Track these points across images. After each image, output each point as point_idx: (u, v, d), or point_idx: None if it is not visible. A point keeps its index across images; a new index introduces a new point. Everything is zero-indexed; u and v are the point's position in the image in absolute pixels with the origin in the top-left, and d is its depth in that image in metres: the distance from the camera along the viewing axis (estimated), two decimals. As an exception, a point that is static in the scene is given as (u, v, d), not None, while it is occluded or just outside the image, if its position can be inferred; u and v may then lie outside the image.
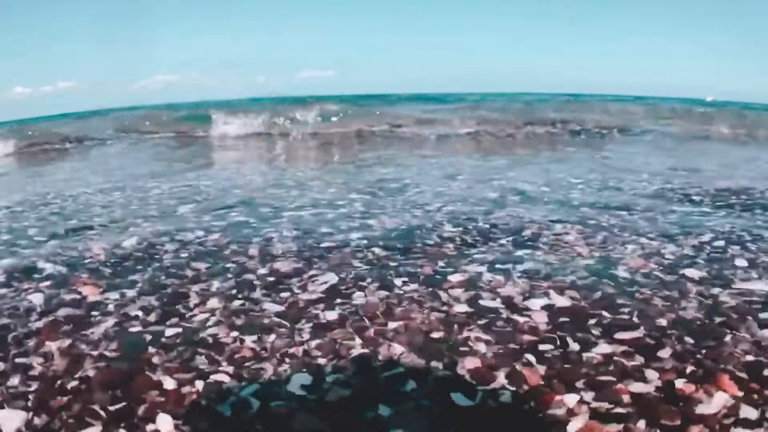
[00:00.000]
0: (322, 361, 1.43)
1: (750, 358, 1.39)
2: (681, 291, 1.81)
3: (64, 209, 3.33)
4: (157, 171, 5.08)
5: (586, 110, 11.07)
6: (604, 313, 1.65)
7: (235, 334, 1.58)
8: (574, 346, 1.46)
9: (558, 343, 1.48)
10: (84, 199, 3.64)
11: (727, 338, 1.49)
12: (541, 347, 1.46)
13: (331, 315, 1.68)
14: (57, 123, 11.25)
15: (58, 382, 1.36)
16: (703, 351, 1.42)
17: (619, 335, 1.52)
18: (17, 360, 1.47)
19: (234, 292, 1.88)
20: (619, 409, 1.20)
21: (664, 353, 1.42)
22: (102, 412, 1.23)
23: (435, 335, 1.54)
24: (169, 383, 1.34)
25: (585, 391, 1.26)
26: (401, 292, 1.84)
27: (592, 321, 1.61)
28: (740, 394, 1.24)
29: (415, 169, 4.74)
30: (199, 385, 1.33)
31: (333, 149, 7.30)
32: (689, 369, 1.34)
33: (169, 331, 1.61)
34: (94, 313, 1.75)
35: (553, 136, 8.54)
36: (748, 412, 1.17)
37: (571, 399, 1.24)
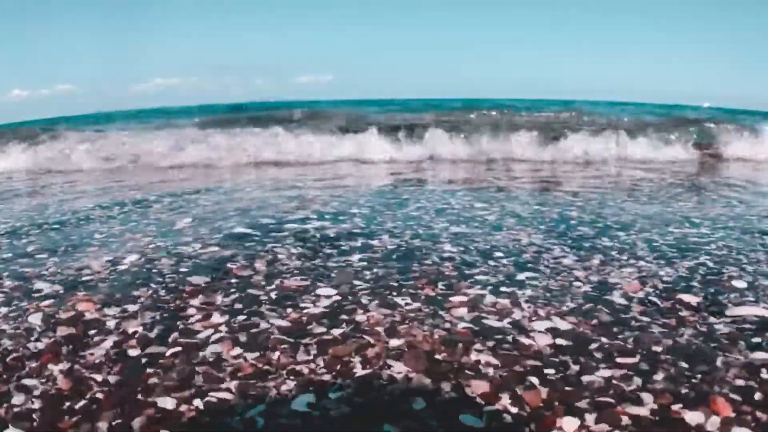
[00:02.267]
0: (326, 378, 1.43)
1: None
2: None
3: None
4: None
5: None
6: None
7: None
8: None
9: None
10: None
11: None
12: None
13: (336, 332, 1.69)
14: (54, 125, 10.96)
15: (63, 403, 1.35)
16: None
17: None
18: (21, 381, 1.46)
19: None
20: None
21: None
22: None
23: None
24: (171, 402, 1.34)
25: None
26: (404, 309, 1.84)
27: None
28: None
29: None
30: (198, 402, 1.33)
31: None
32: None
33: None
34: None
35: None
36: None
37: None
